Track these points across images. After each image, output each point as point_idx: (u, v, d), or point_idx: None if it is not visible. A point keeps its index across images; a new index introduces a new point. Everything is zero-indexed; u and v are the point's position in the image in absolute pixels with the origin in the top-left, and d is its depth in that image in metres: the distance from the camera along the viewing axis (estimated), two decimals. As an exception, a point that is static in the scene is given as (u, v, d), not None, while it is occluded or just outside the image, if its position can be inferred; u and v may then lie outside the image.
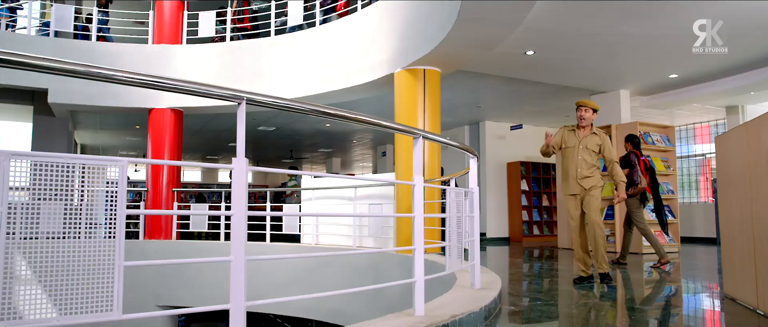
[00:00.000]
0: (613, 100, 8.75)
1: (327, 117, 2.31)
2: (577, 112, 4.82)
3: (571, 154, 4.67)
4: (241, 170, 1.90)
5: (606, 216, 8.30)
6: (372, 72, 7.43)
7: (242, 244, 1.88)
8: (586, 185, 4.60)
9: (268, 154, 18.02)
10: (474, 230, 3.60)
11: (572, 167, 4.65)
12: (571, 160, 4.68)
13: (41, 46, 8.36)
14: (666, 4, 5.24)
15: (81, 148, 14.60)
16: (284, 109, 2.16)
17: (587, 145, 4.68)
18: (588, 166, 4.64)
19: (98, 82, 1.81)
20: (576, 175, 4.61)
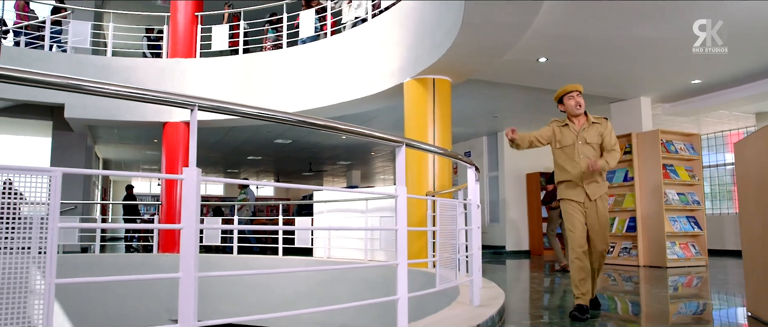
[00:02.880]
0: (634, 108, 8.46)
1: (290, 124, 2.18)
2: (566, 101, 3.79)
3: (569, 154, 3.71)
4: (191, 181, 1.78)
5: (628, 227, 7.98)
6: (382, 82, 7.32)
7: (192, 259, 1.75)
8: (593, 193, 3.64)
9: (287, 167, 18.05)
10: (473, 244, 3.41)
11: (573, 169, 3.67)
12: (569, 162, 3.70)
13: (58, 61, 8.49)
14: (679, 4, 5.00)
15: (103, 162, 14.84)
16: (236, 115, 2.04)
17: (587, 138, 3.69)
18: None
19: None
20: (580, 178, 3.67)
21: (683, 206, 7.81)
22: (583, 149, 3.68)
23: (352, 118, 9.68)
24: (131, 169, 16.83)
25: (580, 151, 3.67)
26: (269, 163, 17.34)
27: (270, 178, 22.24)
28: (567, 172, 3.72)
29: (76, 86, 1.68)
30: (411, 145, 2.57)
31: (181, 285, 1.73)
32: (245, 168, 18.85)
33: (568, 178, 3.72)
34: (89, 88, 1.70)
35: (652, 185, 7.72)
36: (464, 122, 10.43)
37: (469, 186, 3.48)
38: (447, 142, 6.81)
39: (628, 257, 7.90)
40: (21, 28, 8.98)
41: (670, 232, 7.56)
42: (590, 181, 3.68)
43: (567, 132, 3.78)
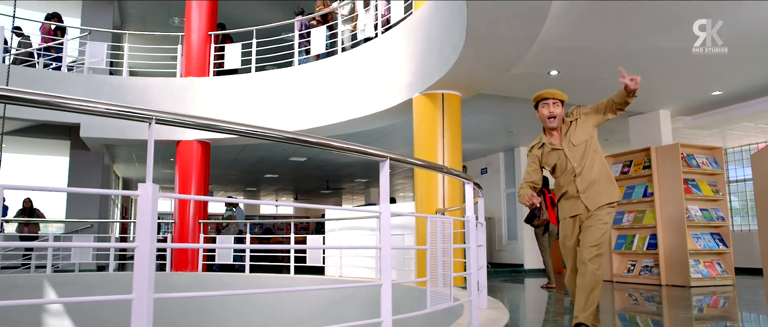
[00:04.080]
0: (652, 121, 8.21)
1: (257, 138, 2.09)
2: (540, 108, 3.33)
3: (560, 168, 3.27)
4: (147, 197, 1.70)
5: (648, 245, 7.68)
6: (391, 98, 7.25)
7: (146, 279, 1.66)
8: (593, 203, 3.11)
9: (305, 186, 18.05)
10: (473, 262, 3.26)
11: (569, 183, 3.21)
12: (561, 172, 3.26)
13: (74, 82, 8.63)
14: (693, 12, 4.81)
15: (123, 181, 15.03)
16: (198, 129, 1.96)
17: (573, 141, 3.23)
18: (590, 166, 3.19)
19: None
20: (577, 191, 3.17)
21: (707, 222, 7.50)
22: (573, 155, 3.21)
23: (365, 134, 9.62)
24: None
25: (572, 159, 3.21)
26: (287, 182, 17.36)
27: (289, 197, 22.26)
28: (564, 183, 3.30)
29: (18, 98, 1.62)
30: (395, 159, 2.45)
31: (134, 307, 1.64)
32: (264, 186, 18.91)
33: (563, 191, 3.29)
34: (36, 100, 1.64)
35: (672, 201, 7.44)
36: (479, 138, 10.28)
37: (467, 203, 3.34)
38: (457, 157, 6.67)
39: (649, 276, 7.61)
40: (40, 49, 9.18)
41: (693, 250, 7.26)
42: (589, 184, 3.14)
43: (549, 151, 3.32)
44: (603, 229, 3.11)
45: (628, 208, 8.11)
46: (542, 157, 3.35)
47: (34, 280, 8.00)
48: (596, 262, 3.06)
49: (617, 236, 8.19)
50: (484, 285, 3.85)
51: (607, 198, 3.16)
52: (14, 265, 9.19)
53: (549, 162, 3.34)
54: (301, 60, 8.88)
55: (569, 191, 3.22)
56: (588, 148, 3.21)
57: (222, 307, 8.03)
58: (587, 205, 3.16)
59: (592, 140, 3.26)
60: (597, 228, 3.10)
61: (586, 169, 3.18)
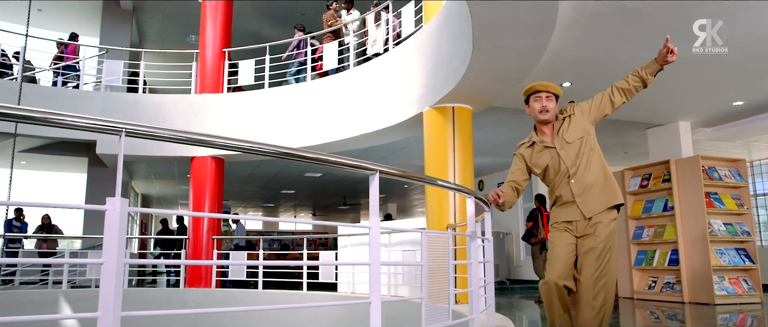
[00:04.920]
0: (672, 133, 7.99)
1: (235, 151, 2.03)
2: (531, 102, 3.00)
3: (552, 168, 2.91)
4: (114, 212, 1.64)
5: (670, 260, 7.43)
6: (402, 112, 7.19)
7: (112, 296, 1.60)
8: (590, 209, 2.77)
9: (323, 201, 18.04)
10: (473, 280, 3.15)
11: (563, 186, 2.87)
12: (557, 178, 2.91)
13: (91, 100, 8.75)
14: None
15: (142, 198, 15.18)
16: (170, 141, 1.91)
17: (567, 138, 2.89)
18: (585, 167, 2.84)
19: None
20: (572, 194, 2.82)
21: (731, 237, 7.23)
22: (568, 154, 2.86)
23: (379, 149, 9.57)
24: (169, 205, 17.16)
25: (565, 158, 2.86)
26: (304, 197, 17.37)
27: (308, 213, 22.27)
28: (557, 186, 2.94)
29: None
30: (385, 172, 2.37)
31: (99, 326, 1.58)
32: (282, 202, 18.94)
33: (557, 196, 2.93)
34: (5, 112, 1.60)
35: (694, 215, 7.20)
36: (494, 152, 10.14)
37: (469, 217, 3.23)
38: (469, 171, 6.56)
39: (671, 293, 7.34)
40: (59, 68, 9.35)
41: (717, 266, 6.99)
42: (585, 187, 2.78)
43: (541, 150, 2.96)
44: (606, 255, 2.71)
45: (648, 223, 7.87)
46: (532, 157, 2.99)
47: (49, 296, 8.05)
48: (600, 297, 2.66)
49: (637, 252, 7.95)
50: (492, 302, 3.72)
51: (606, 201, 2.79)
52: (33, 281, 9.29)
53: (540, 163, 2.96)
54: (302, 78, 8.96)
55: (563, 195, 2.85)
56: (583, 146, 2.85)
57: (234, 322, 7.98)
58: (583, 210, 2.78)
59: (588, 137, 2.90)
60: (597, 251, 2.69)
61: (582, 170, 2.82)
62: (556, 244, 2.81)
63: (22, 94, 7.25)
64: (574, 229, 2.80)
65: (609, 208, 2.81)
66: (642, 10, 4.40)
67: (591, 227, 2.76)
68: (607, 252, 2.70)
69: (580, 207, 2.79)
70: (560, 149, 2.88)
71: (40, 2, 10.74)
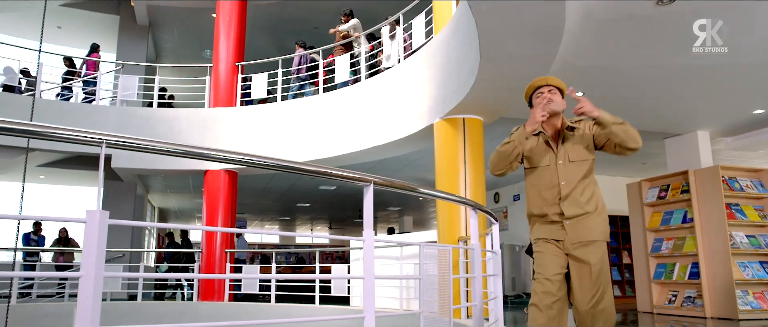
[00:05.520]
0: (690, 143, 7.79)
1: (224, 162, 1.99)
2: (535, 101, 2.72)
3: (545, 176, 2.64)
4: (94, 224, 1.61)
5: (690, 274, 7.21)
6: (413, 124, 7.14)
7: (90, 310, 1.56)
8: (580, 235, 2.53)
9: (338, 214, 18.00)
10: (476, 294, 3.06)
11: (550, 198, 2.61)
12: (545, 186, 2.63)
13: (106, 114, 8.86)
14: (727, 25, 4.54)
15: (159, 211, 15.30)
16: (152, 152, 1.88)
17: (572, 156, 2.62)
18: (578, 192, 2.57)
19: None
20: (558, 212, 2.57)
21: (754, 250, 7.00)
22: (565, 170, 2.59)
23: (392, 161, 9.52)
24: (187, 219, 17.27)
25: (562, 175, 2.59)
26: (320, 211, 17.35)
27: (324, 226, 22.25)
28: (544, 200, 2.63)
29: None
30: (379, 183, 2.31)
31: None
32: (298, 215, 18.95)
33: (542, 212, 2.63)
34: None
35: (715, 227, 6.99)
36: (509, 164, 10.00)
37: (472, 230, 3.15)
38: (480, 183, 6.46)
39: (692, 307, 7.12)
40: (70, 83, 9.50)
41: (740, 280, 6.76)
42: (575, 214, 2.54)
43: (541, 145, 2.68)
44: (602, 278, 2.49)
45: (667, 235, 7.67)
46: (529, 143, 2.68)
47: (64, 309, 8.11)
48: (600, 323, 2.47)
49: (656, 265, 7.74)
50: (499, 316, 3.62)
51: (595, 235, 2.53)
52: (49, 294, 9.38)
53: (534, 157, 2.67)
54: (306, 93, 9.05)
55: (549, 214, 2.60)
56: (587, 172, 2.62)
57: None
58: (570, 234, 2.55)
59: (591, 165, 2.65)
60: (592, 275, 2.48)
61: (576, 195, 2.57)
62: (544, 253, 2.58)
63: (37, 109, 7.37)
64: (563, 247, 2.57)
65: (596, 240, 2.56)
66: (652, 17, 4.30)
67: (581, 249, 2.53)
68: (603, 274, 2.49)
69: (566, 229, 2.56)
70: (561, 162, 2.61)
71: (59, 19, 10.98)
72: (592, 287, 2.47)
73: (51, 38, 11.52)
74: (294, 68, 9.24)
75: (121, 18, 10.75)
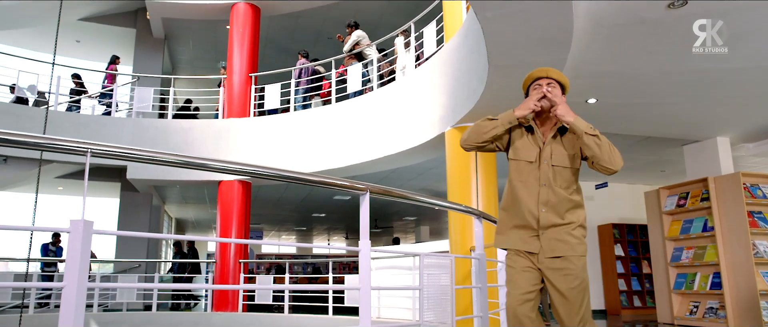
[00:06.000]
0: (710, 150, 7.60)
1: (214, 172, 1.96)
2: (531, 93, 2.49)
3: (527, 173, 2.39)
4: (77, 234, 1.59)
5: (712, 284, 7.01)
6: (425, 133, 7.09)
7: (71, 322, 1.53)
8: (556, 249, 2.29)
9: (355, 224, 17.92)
10: (478, 305, 2.98)
11: (528, 198, 2.36)
12: (524, 184, 2.38)
13: (122, 126, 8.97)
14: (746, 28, 4.42)
15: (176, 222, 15.42)
16: (136, 160, 1.86)
17: (554, 157, 2.37)
18: (560, 199, 2.33)
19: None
20: (535, 217, 2.33)
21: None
22: (549, 172, 2.34)
23: (405, 170, 9.47)
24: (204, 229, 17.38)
25: (544, 176, 2.34)
26: (336, 221, 17.34)
27: (341, 237, 22.22)
28: (520, 200, 2.38)
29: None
30: (376, 191, 2.27)
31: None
32: (315, 226, 18.96)
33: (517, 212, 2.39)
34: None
35: (737, 235, 6.79)
36: (525, 172, 9.88)
37: (476, 239, 3.08)
38: (492, 192, 6.37)
39: (714, 319, 6.91)
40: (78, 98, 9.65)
41: (764, 290, 6.55)
42: (551, 225, 2.30)
43: (527, 139, 2.44)
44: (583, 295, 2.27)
45: (687, 244, 7.48)
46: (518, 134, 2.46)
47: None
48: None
49: (677, 275, 7.55)
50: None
51: (571, 249, 2.28)
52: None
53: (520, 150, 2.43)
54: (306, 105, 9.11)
55: (527, 219, 2.35)
56: (570, 184, 2.36)
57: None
58: (545, 247, 2.30)
59: (575, 174, 2.40)
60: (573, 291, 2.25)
61: (556, 202, 2.33)
62: (514, 268, 2.33)
63: (54, 122, 7.49)
64: (536, 260, 2.32)
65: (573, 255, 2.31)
66: (664, 21, 4.20)
67: (558, 262, 2.28)
68: (585, 291, 2.27)
69: (541, 241, 2.31)
70: (544, 163, 2.36)
71: (78, 33, 11.20)
72: (575, 303, 2.25)
73: (70, 52, 11.75)
74: (294, 79, 9.30)
75: (137, 31, 10.93)
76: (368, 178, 9.66)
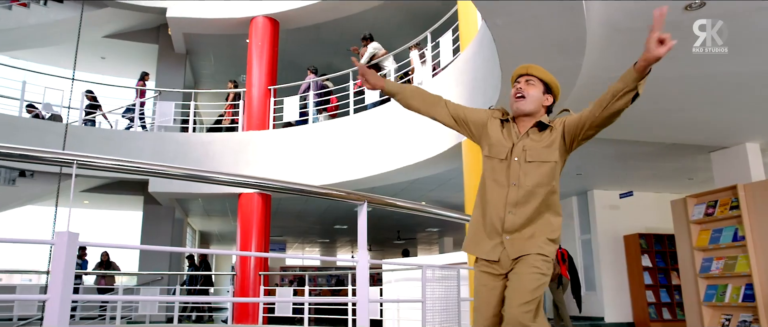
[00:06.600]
0: (739, 156, 7.35)
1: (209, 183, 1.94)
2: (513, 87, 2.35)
3: (497, 170, 2.19)
4: (62, 246, 1.57)
5: (744, 296, 6.73)
6: (442, 143, 7.04)
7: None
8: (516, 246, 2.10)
9: (377, 236, 17.89)
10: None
11: (497, 199, 2.16)
12: (497, 184, 2.18)
13: (144, 140, 9.12)
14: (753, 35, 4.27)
15: (200, 235, 15.57)
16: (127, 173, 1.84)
17: (528, 153, 2.16)
18: (529, 198, 2.13)
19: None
20: (500, 219, 2.14)
21: (814, 270, 6.48)
22: (519, 169, 2.14)
23: (426, 180, 9.39)
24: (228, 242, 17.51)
25: (516, 173, 2.14)
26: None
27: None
28: (488, 200, 2.19)
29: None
30: (373, 201, 2.21)
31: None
32: (338, 238, 18.95)
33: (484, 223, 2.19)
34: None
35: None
36: (548, 182, 9.71)
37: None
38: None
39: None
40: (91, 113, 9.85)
41: (800, 302, 6.27)
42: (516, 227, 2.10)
43: (502, 132, 2.24)
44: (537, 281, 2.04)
45: (717, 254, 7.21)
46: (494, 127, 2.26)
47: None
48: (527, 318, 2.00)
49: (706, 286, 7.28)
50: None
51: (536, 247, 2.09)
52: (91, 316, 9.62)
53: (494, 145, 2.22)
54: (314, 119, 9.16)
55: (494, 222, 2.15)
56: (546, 182, 2.14)
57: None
58: (509, 250, 2.11)
59: (554, 174, 2.17)
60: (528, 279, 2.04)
61: (527, 205, 2.12)
62: (479, 290, 2.16)
63: (77, 136, 7.65)
64: (498, 268, 2.13)
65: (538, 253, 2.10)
66: (683, 23, 4.07)
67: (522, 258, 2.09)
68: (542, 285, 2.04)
69: (505, 245, 2.12)
70: (516, 160, 2.15)
71: (103, 50, 11.48)
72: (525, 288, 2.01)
73: (96, 68, 12.04)
74: (300, 94, 9.36)
75: (159, 47, 11.14)
76: (387, 190, 9.61)
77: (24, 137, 8.09)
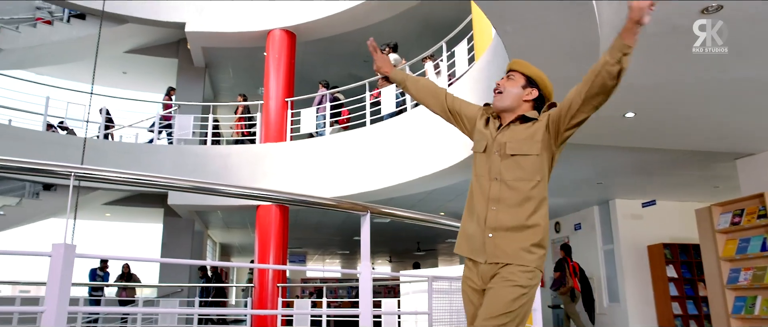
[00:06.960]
0: (765, 163, 7.14)
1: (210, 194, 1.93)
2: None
3: (481, 165, 2.13)
4: (58, 258, 1.57)
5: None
6: (458, 153, 6.96)
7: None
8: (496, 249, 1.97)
9: (397, 247, 17.82)
10: None
11: (479, 195, 2.08)
12: (479, 180, 2.11)
13: (163, 153, 9.24)
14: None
15: (220, 247, 15.67)
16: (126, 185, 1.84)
17: (508, 146, 2.06)
18: (510, 194, 2.01)
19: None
20: (482, 217, 2.03)
21: None
22: (498, 165, 2.04)
23: (445, 191, 9.31)
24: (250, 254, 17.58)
25: (497, 167, 2.04)
26: (379, 244, 17.23)
27: (384, 260, 22.08)
28: (472, 201, 2.11)
29: None
30: (376, 211, 2.18)
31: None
32: (358, 249, 18.90)
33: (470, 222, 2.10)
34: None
35: (799, 255, 6.31)
36: (569, 191, 9.55)
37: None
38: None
39: (778, 346, 6.39)
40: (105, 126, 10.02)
41: (833, 315, 6.03)
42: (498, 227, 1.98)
43: (489, 127, 2.18)
44: (513, 293, 1.88)
45: (745, 265, 6.98)
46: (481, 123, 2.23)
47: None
48: None
49: (735, 298, 7.05)
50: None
51: (516, 256, 1.94)
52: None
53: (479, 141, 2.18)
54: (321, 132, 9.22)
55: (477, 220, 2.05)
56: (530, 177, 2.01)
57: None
58: (488, 251, 1.98)
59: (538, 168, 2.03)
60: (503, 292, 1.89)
61: (511, 202, 2.00)
62: (464, 294, 2.08)
63: (97, 150, 7.77)
64: (477, 279, 2.01)
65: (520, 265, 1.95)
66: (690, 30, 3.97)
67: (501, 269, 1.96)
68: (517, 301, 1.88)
69: (486, 243, 1.99)
70: (496, 154, 2.06)
71: (124, 65, 11.70)
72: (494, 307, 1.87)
73: (118, 83, 12.28)
74: (314, 106, 9.39)
75: (179, 61, 11.31)
76: (404, 201, 9.56)
77: (47, 152, 8.25)
